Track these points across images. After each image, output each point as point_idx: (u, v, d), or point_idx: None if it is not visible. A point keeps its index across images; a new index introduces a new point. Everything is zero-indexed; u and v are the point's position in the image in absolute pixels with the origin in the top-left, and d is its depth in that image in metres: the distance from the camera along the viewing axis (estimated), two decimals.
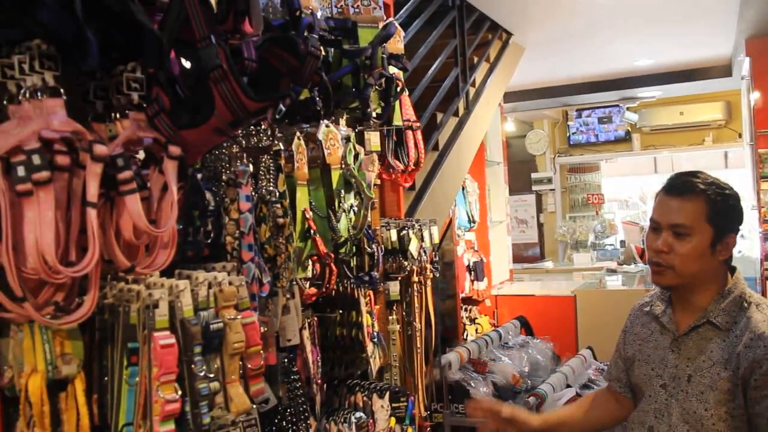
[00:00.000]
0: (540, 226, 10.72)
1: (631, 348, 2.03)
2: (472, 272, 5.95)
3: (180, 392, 1.42)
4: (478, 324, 5.85)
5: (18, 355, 1.34)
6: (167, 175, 1.43)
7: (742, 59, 5.97)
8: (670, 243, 1.83)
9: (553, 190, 10.68)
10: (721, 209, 1.82)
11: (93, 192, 1.28)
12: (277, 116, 1.71)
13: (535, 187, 10.65)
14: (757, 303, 1.85)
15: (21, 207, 1.23)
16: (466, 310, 5.70)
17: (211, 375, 1.50)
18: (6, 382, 1.33)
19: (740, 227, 1.88)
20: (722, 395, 1.77)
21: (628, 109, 9.68)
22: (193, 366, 1.46)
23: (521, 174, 10.29)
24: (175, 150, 1.44)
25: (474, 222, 6.03)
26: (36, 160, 1.20)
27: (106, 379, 1.46)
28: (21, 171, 1.21)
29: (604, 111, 10.26)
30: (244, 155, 1.78)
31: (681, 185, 1.86)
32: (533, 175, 10.66)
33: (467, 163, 4.62)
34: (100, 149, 1.29)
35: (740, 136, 9.17)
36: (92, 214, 1.28)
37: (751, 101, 5.76)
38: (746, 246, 10.04)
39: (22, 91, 1.31)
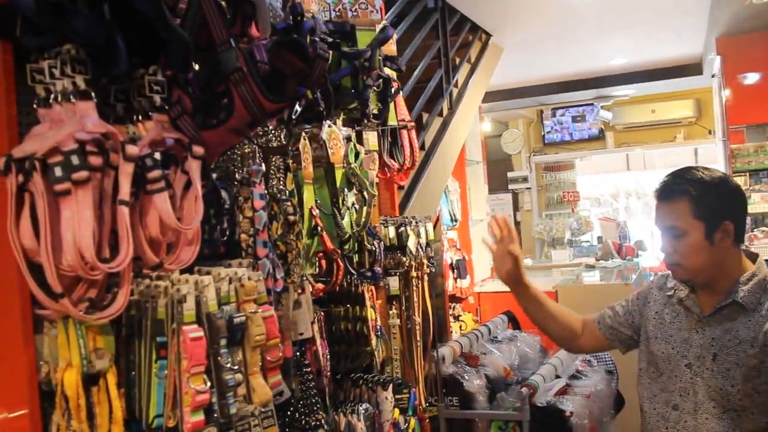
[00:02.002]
0: (517, 224, 10.84)
1: (650, 326, 2.10)
2: (455, 270, 6.03)
3: (209, 383, 1.47)
4: (462, 321, 5.94)
5: (53, 350, 1.38)
6: (192, 174, 1.47)
7: (713, 58, 6.13)
8: (672, 244, 1.94)
9: (529, 188, 10.81)
10: (704, 202, 1.90)
11: (125, 191, 1.33)
12: (293, 117, 1.76)
13: (511, 186, 10.77)
14: None
15: (58, 206, 1.27)
16: (450, 307, 5.78)
17: (235, 367, 1.55)
18: (43, 376, 1.37)
19: (739, 209, 1.96)
20: (749, 372, 1.85)
21: (602, 107, 9.84)
22: (219, 358, 1.51)
23: (497, 173, 10.40)
24: (198, 150, 1.49)
25: (456, 221, 6.12)
26: (74, 160, 1.25)
27: (133, 373, 1.51)
28: (58, 171, 1.26)
29: (578, 110, 10.43)
30: (257, 155, 1.83)
31: (664, 190, 1.97)
32: (509, 174, 10.78)
33: (452, 163, 4.70)
34: (131, 149, 1.33)
35: (710, 132, 9.39)
36: (125, 212, 1.32)
37: (722, 98, 5.91)
38: None
39: (53, 95, 1.35)
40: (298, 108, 1.79)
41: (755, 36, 5.66)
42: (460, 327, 5.82)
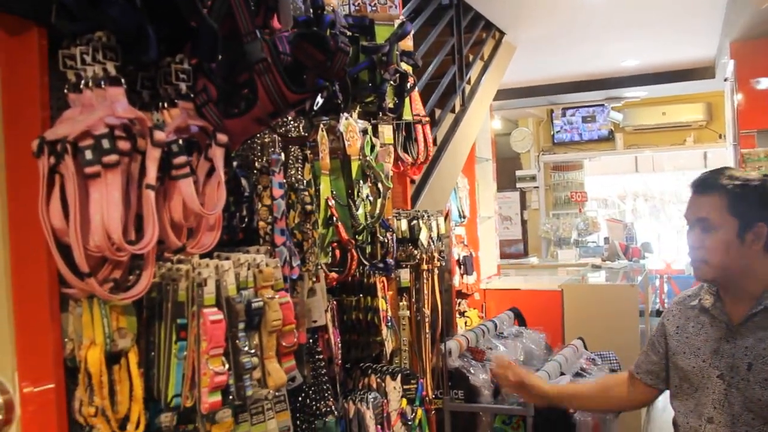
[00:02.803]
0: (524, 223, 10.88)
1: (674, 341, 2.06)
2: (462, 266, 6.06)
3: (227, 365, 1.51)
4: (467, 317, 5.97)
5: (78, 328, 1.42)
6: (216, 161, 1.51)
7: (726, 62, 6.13)
8: (701, 238, 1.90)
9: (537, 187, 10.84)
10: (741, 200, 1.86)
11: (152, 175, 1.37)
12: (315, 108, 1.80)
13: (519, 185, 10.80)
14: None
15: (87, 188, 1.31)
16: (456, 303, 5.81)
17: (252, 351, 1.60)
18: (67, 353, 1.41)
19: None
20: None
21: (612, 108, 9.85)
22: (237, 341, 1.55)
23: (506, 171, 10.42)
24: (222, 138, 1.52)
25: (464, 217, 6.15)
26: (105, 144, 1.29)
27: (152, 353, 1.55)
28: (89, 154, 1.30)
29: (588, 110, 10.43)
30: (277, 144, 1.87)
31: (701, 182, 1.94)
32: (518, 173, 10.81)
33: (463, 159, 4.74)
34: (159, 135, 1.37)
35: (720, 136, 9.39)
36: (151, 195, 1.36)
37: (734, 102, 5.92)
38: None
39: (83, 81, 1.39)
40: (319, 100, 1.82)
41: None
42: (465, 323, 5.86)
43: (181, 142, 1.55)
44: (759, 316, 1.89)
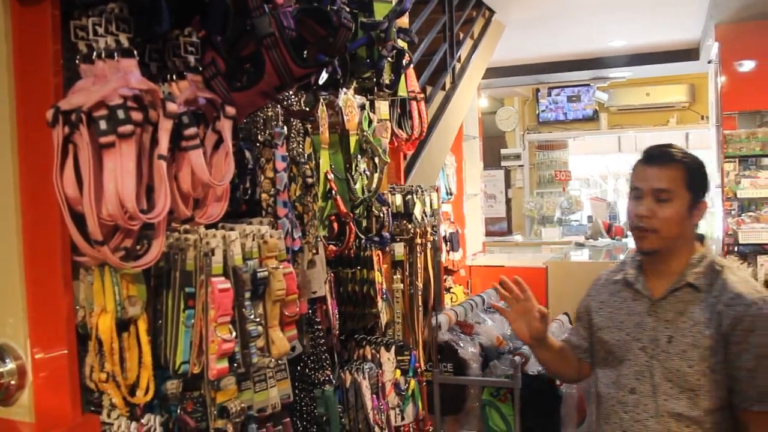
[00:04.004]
0: (508, 201, 10.95)
1: (598, 316, 2.13)
2: (448, 243, 6.12)
3: (234, 333, 1.55)
4: (453, 293, 6.04)
5: (89, 296, 1.45)
6: (224, 133, 1.53)
7: (711, 44, 6.19)
8: (653, 208, 1.95)
9: (522, 166, 10.90)
10: (696, 176, 1.97)
11: (164, 146, 1.39)
12: (320, 83, 1.83)
13: (504, 163, 10.85)
14: (729, 267, 2.01)
15: (100, 158, 1.33)
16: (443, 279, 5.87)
17: (257, 319, 1.63)
18: (79, 320, 1.44)
19: (707, 194, 2.03)
20: (705, 352, 1.89)
21: (598, 88, 9.91)
22: (243, 310, 1.59)
23: (491, 150, 10.46)
24: (231, 110, 1.55)
25: (451, 194, 6.20)
26: (120, 114, 1.31)
27: (160, 322, 1.58)
28: (103, 125, 1.32)
29: (573, 90, 10.48)
30: (279, 118, 1.89)
31: (660, 154, 2.00)
32: (502, 151, 10.86)
33: (452, 136, 4.77)
34: (172, 107, 1.40)
35: (702, 118, 9.49)
36: (163, 166, 1.39)
37: (718, 84, 5.99)
38: (702, 225, 10.42)
39: (95, 52, 1.41)
40: (324, 74, 1.85)
41: (753, 24, 5.73)
42: (451, 299, 5.93)
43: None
44: (680, 291, 1.97)
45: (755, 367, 1.86)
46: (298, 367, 2.03)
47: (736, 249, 5.74)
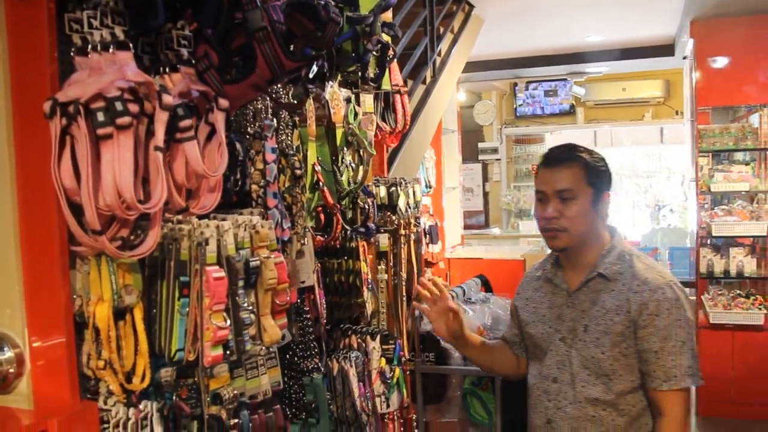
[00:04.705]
0: (485, 194, 11.04)
1: (524, 312, 2.24)
2: (428, 235, 6.16)
3: (228, 321, 1.58)
4: None
5: (85, 285, 1.47)
6: (217, 125, 1.56)
7: (686, 40, 6.29)
8: (559, 209, 2.03)
9: (499, 159, 10.98)
10: (595, 171, 2.05)
11: (160, 137, 1.42)
12: (311, 76, 1.86)
13: (481, 157, 10.94)
14: (637, 255, 2.11)
15: (98, 149, 1.36)
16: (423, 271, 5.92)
17: (250, 307, 1.67)
18: (76, 309, 1.47)
19: (611, 186, 2.11)
20: (616, 337, 2.00)
21: (575, 83, 10.01)
22: (237, 298, 1.62)
23: (468, 143, 10.53)
24: (224, 102, 1.58)
25: (430, 187, 6.25)
26: (118, 106, 1.34)
27: (154, 311, 1.61)
28: (101, 116, 1.34)
29: (550, 84, 10.58)
30: (268, 110, 1.93)
31: (559, 156, 2.09)
32: (480, 145, 10.93)
33: (433, 129, 4.82)
34: (168, 99, 1.42)
35: (677, 113, 9.63)
36: (159, 157, 1.42)
37: (692, 80, 6.09)
38: (675, 219, 10.61)
39: (90, 45, 1.43)
40: (315, 68, 1.88)
41: (728, 21, 5.83)
42: None
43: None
44: (593, 282, 2.07)
45: (661, 348, 1.97)
46: (287, 356, 2.06)
47: (709, 242, 5.86)
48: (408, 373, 2.78)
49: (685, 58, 6.60)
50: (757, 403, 5.53)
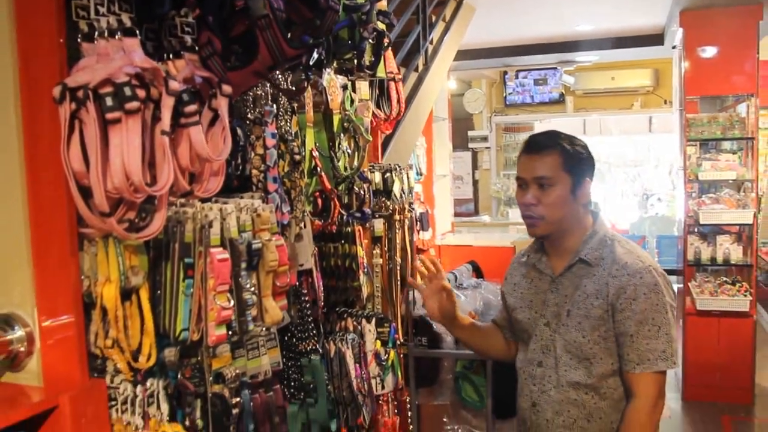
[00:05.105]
0: (475, 182, 11.11)
1: (511, 298, 2.29)
2: (418, 222, 6.21)
3: (232, 302, 1.63)
4: None
5: (93, 266, 1.51)
6: (221, 110, 1.60)
7: (676, 30, 6.35)
8: (537, 196, 2.06)
9: (489, 148, 11.05)
10: (574, 158, 2.07)
11: (166, 122, 1.46)
12: (311, 62, 1.90)
13: (471, 145, 11.00)
14: (618, 240, 2.15)
15: (106, 134, 1.39)
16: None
17: (252, 288, 1.71)
18: (84, 290, 1.51)
19: (593, 172, 2.13)
20: (595, 321, 2.05)
21: (565, 71, 10.06)
22: (240, 279, 1.67)
23: (458, 131, 10.58)
24: (227, 88, 1.62)
25: (421, 174, 6.30)
26: (127, 91, 1.37)
27: (158, 292, 1.65)
28: (109, 101, 1.38)
29: (540, 73, 10.63)
30: (268, 97, 1.96)
31: (538, 143, 2.11)
32: (470, 133, 11.00)
33: (425, 117, 4.86)
34: (174, 85, 1.46)
35: (666, 102, 9.72)
36: (166, 141, 1.46)
37: (681, 69, 6.16)
38: (663, 207, 10.71)
39: (97, 31, 1.46)
40: (315, 55, 1.92)
41: (717, 11, 5.89)
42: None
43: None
44: (575, 267, 2.11)
45: (636, 332, 2.01)
46: (286, 337, 2.11)
47: (696, 229, 5.94)
48: (401, 356, 2.83)
49: (674, 47, 6.66)
50: (742, 388, 5.65)
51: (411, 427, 2.85)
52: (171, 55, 1.62)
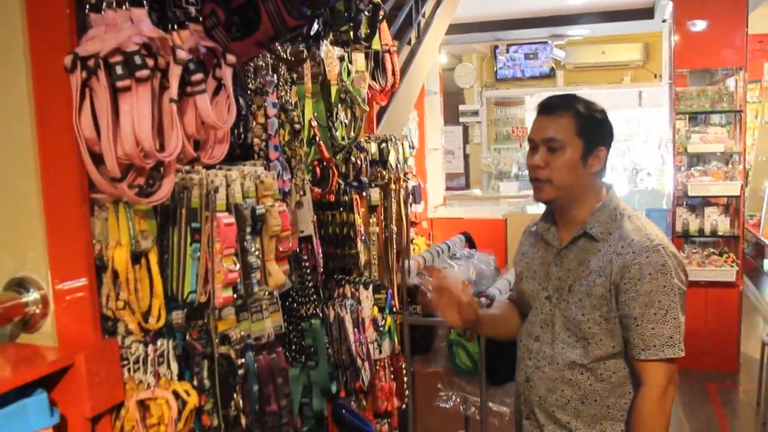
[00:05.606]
0: (466, 156, 11.16)
1: (519, 267, 2.20)
2: (411, 196, 6.26)
3: (238, 265, 1.69)
4: (415, 245, 6.24)
5: (104, 231, 1.56)
6: (225, 79, 1.64)
7: (666, 3, 6.38)
8: (546, 158, 1.95)
9: (480, 122, 11.09)
10: (588, 123, 1.96)
11: (174, 90, 1.50)
12: (311, 33, 1.94)
13: (462, 119, 11.03)
14: (629, 215, 2.00)
15: (116, 101, 1.44)
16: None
17: (256, 252, 1.77)
18: (95, 254, 1.56)
19: (611, 142, 2.02)
20: (597, 300, 1.93)
21: (555, 46, 10.09)
22: (245, 243, 1.73)
23: (449, 106, 10.61)
24: (231, 58, 1.66)
25: (413, 148, 6.35)
26: (137, 60, 1.41)
27: (166, 256, 1.70)
28: (119, 69, 1.42)
29: (530, 47, 10.66)
30: (269, 67, 2.01)
31: (552, 104, 1.99)
32: (461, 108, 11.02)
33: (417, 90, 4.90)
34: (182, 54, 1.50)
35: (655, 76, 9.77)
36: (174, 108, 1.50)
37: (671, 43, 6.20)
38: (653, 182, 10.81)
39: (106, 2, 1.50)
40: (315, 26, 1.96)
41: None
42: (413, 250, 6.12)
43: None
44: (581, 240, 2.00)
45: (641, 315, 1.88)
46: (287, 302, 2.17)
47: (685, 202, 6.03)
48: (398, 321, 2.90)
49: (664, 21, 6.71)
50: (728, 356, 5.77)
51: (407, 392, 2.92)
52: (175, 26, 1.66)
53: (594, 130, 1.98)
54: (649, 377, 1.90)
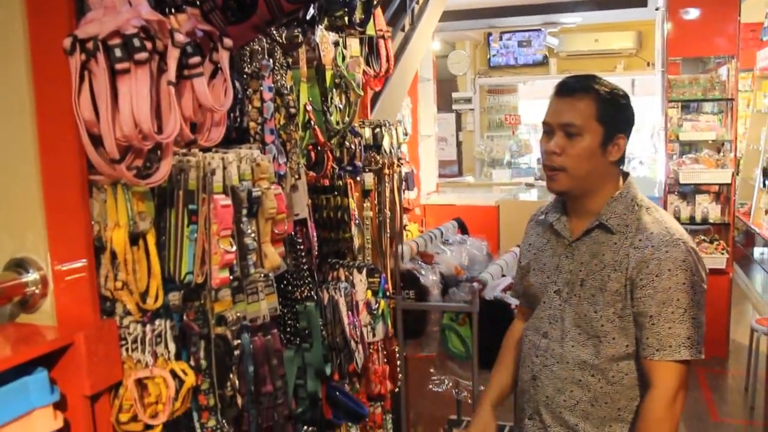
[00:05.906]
0: (459, 144, 11.18)
1: (525, 258, 2.08)
2: (404, 182, 6.29)
3: (234, 246, 1.71)
4: (408, 231, 6.27)
5: (102, 212, 1.58)
6: (222, 63, 1.66)
7: None
8: (562, 145, 1.83)
9: (473, 109, 11.12)
10: (610, 108, 1.82)
11: (172, 73, 1.52)
12: (307, 18, 1.95)
13: (455, 107, 11.05)
14: (647, 206, 1.88)
15: (115, 84, 1.46)
16: None
17: (252, 234, 1.79)
18: (94, 234, 1.58)
19: (630, 131, 1.89)
20: (611, 296, 1.82)
21: (549, 33, 10.10)
22: (241, 225, 1.75)
23: (442, 93, 10.59)
24: (228, 42, 1.67)
25: (407, 134, 6.36)
26: (136, 42, 1.43)
27: (163, 237, 1.72)
28: (118, 52, 1.44)
29: (524, 35, 10.66)
30: (264, 51, 2.02)
31: (571, 86, 1.85)
32: (454, 95, 11.04)
33: (411, 76, 4.92)
34: (179, 37, 1.52)
35: (648, 64, 9.80)
36: (172, 91, 1.52)
37: (664, 31, 6.23)
38: (645, 170, 10.86)
39: None
40: (312, 10, 1.97)
41: None
42: (406, 236, 6.15)
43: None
44: (595, 232, 1.88)
45: (658, 313, 1.77)
46: (282, 285, 2.20)
47: (676, 189, 6.08)
48: (392, 306, 2.94)
49: (657, 9, 6.73)
50: (717, 342, 5.83)
51: (400, 375, 2.96)
52: (173, 10, 1.67)
53: (616, 115, 1.84)
54: (660, 380, 1.77)
